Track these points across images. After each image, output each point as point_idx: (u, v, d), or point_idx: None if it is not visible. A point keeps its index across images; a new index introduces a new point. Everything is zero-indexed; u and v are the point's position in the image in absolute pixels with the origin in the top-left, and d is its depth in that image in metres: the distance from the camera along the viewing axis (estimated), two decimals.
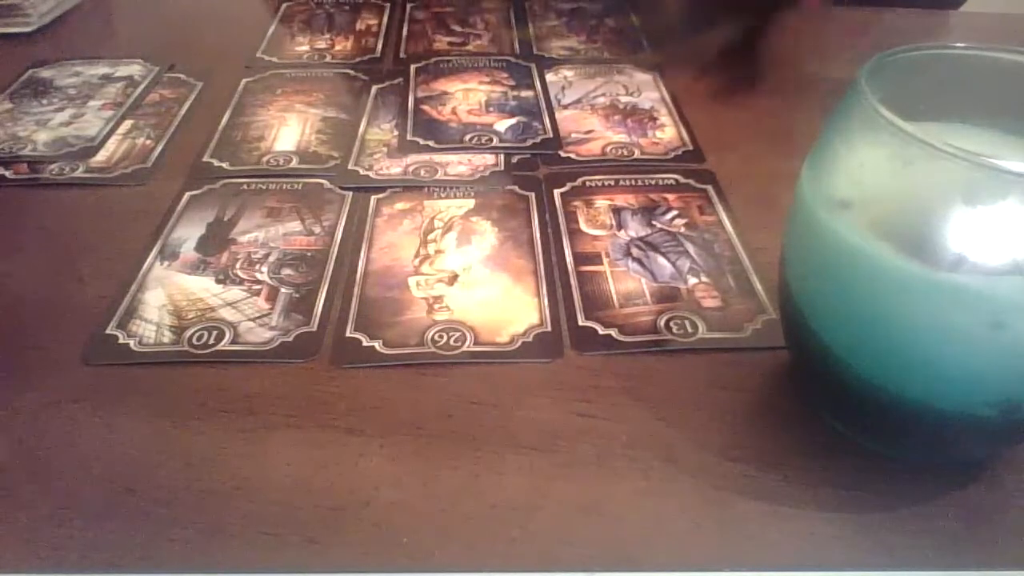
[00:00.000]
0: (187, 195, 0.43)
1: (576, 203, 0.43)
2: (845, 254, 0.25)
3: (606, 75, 0.56)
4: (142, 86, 0.54)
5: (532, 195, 0.43)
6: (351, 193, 0.43)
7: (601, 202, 0.43)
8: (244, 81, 0.55)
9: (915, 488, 0.28)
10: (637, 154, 0.47)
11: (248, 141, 0.48)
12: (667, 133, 0.49)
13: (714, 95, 0.54)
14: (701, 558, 0.26)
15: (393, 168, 0.45)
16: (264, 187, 0.44)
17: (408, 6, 0.67)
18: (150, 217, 0.41)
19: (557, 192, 0.43)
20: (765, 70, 0.58)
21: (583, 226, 0.41)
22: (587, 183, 0.44)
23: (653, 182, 0.44)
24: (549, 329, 0.34)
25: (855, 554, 0.26)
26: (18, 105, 0.52)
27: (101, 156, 0.47)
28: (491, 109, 0.51)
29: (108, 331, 0.34)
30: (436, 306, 0.36)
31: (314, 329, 0.34)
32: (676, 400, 0.31)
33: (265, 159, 0.46)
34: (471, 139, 0.48)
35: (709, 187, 0.44)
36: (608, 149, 0.47)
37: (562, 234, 0.40)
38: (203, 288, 0.37)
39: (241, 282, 0.37)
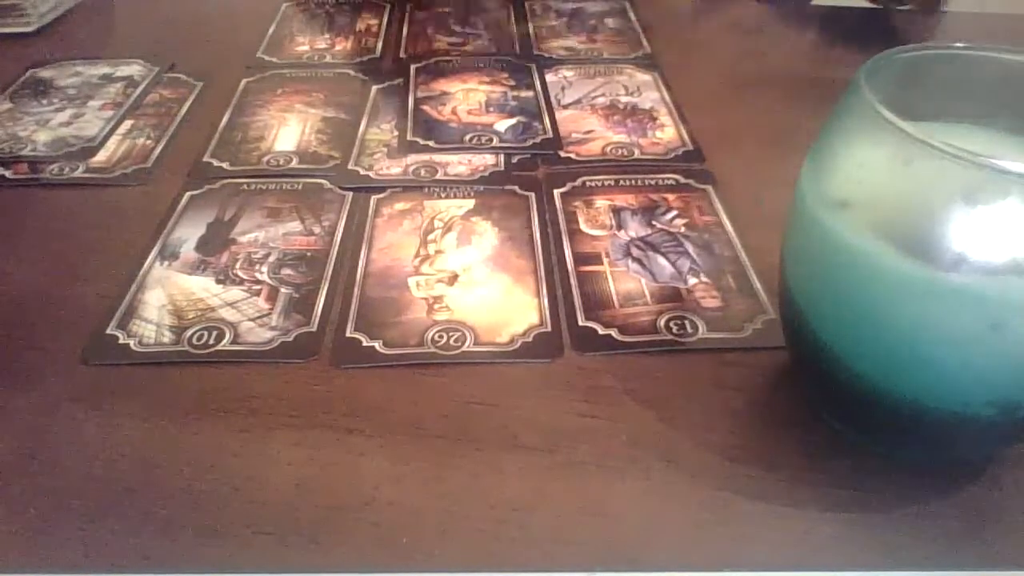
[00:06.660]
0: (187, 195, 0.43)
1: (576, 203, 0.43)
2: (845, 254, 0.25)
3: (606, 75, 0.56)
4: (142, 86, 0.54)
5: (532, 195, 0.43)
6: (351, 193, 0.43)
7: (601, 202, 0.43)
8: (244, 81, 0.55)
9: (915, 488, 0.28)
10: (637, 154, 0.47)
11: (248, 141, 0.48)
12: (667, 133, 0.49)
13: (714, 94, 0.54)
14: (701, 558, 0.26)
15: (393, 168, 0.45)
16: (264, 187, 0.44)
17: (408, 6, 0.67)
18: (150, 217, 0.41)
19: (557, 192, 0.43)
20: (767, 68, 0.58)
21: (583, 226, 0.41)
22: (587, 183, 0.44)
23: (653, 182, 0.44)
24: (549, 329, 0.34)
25: (855, 554, 0.26)
26: (18, 105, 0.52)
27: (101, 156, 0.47)
28: (491, 109, 0.51)
29: (108, 331, 0.34)
30: (436, 306, 0.36)
31: (314, 329, 0.34)
32: (676, 400, 0.31)
33: (265, 159, 0.46)
34: (471, 139, 0.48)
35: (709, 187, 0.44)
36: (608, 149, 0.47)
37: (562, 234, 0.40)
38: (203, 288, 0.37)
39: (241, 282, 0.37)
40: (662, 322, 0.35)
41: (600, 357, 0.33)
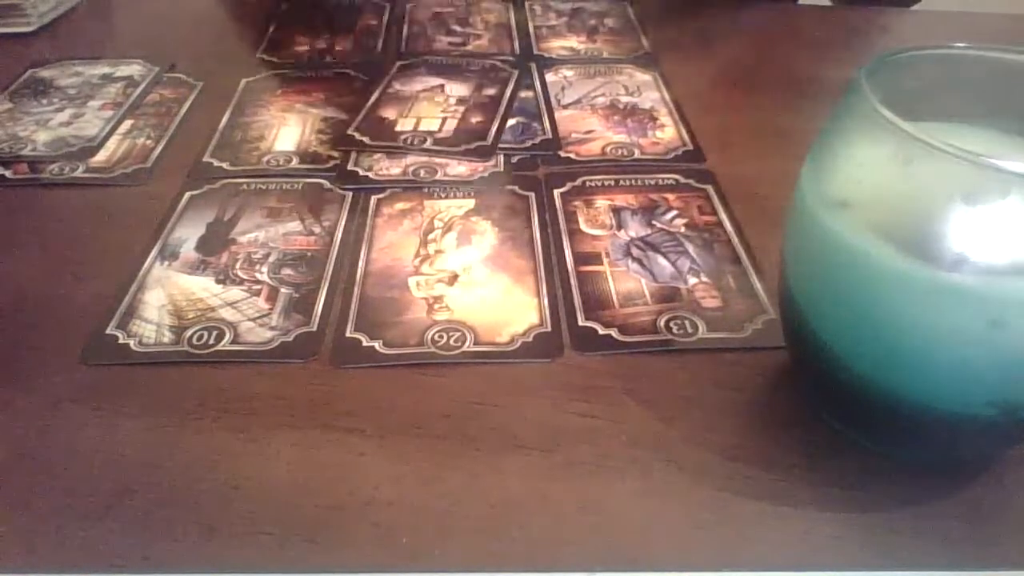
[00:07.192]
0: (187, 195, 0.43)
1: (576, 203, 0.43)
2: (845, 254, 0.25)
3: (606, 75, 0.56)
4: (142, 86, 0.54)
5: (532, 195, 0.43)
6: (351, 193, 0.43)
7: (601, 202, 0.43)
8: (244, 81, 0.55)
9: (915, 488, 0.28)
10: (637, 154, 0.47)
11: (248, 141, 0.48)
12: (667, 133, 0.49)
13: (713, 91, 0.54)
14: (701, 558, 0.26)
15: (393, 168, 0.45)
16: (264, 187, 0.44)
17: (408, 6, 0.67)
18: (150, 217, 0.41)
19: (557, 192, 0.43)
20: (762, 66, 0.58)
21: (583, 226, 0.41)
22: (587, 183, 0.44)
23: (653, 182, 0.44)
24: (549, 329, 0.34)
25: (855, 554, 0.26)
26: (18, 105, 0.52)
27: (101, 156, 0.47)
28: None
29: (108, 331, 0.34)
30: (436, 306, 0.36)
31: (314, 329, 0.34)
32: (676, 400, 0.31)
33: (265, 159, 0.46)
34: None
35: (709, 187, 0.44)
36: (608, 149, 0.47)
37: (562, 234, 0.40)
38: (203, 288, 0.37)
39: (241, 282, 0.37)
40: (662, 322, 0.35)
41: (600, 357, 0.33)
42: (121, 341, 0.34)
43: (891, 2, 0.69)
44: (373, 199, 0.43)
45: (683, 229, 0.41)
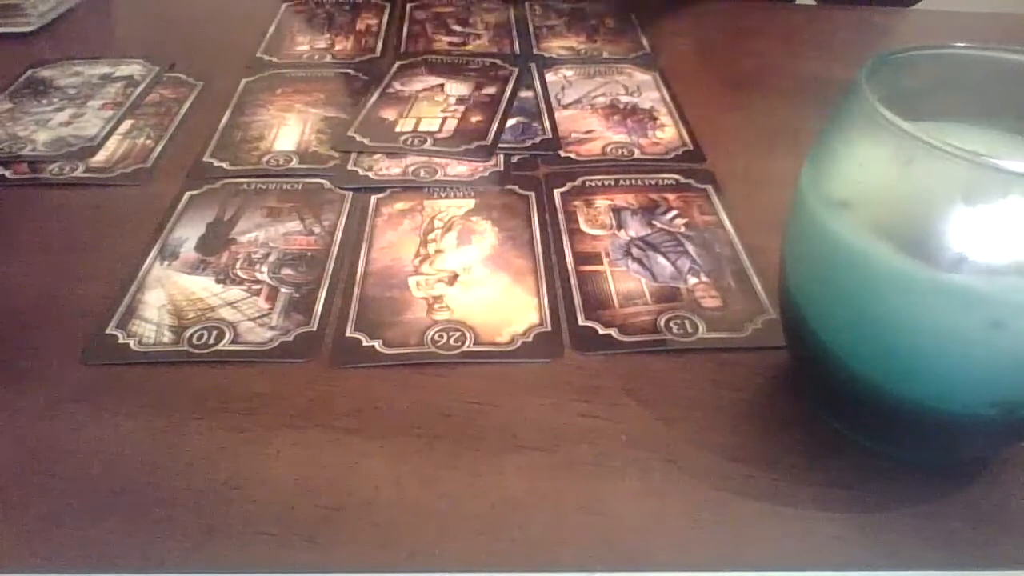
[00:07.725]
0: (187, 195, 0.43)
1: (576, 203, 0.43)
2: (845, 254, 0.25)
3: (606, 75, 0.56)
4: (142, 86, 0.54)
5: (532, 195, 0.43)
6: (351, 193, 0.43)
7: (601, 202, 0.43)
8: (244, 81, 0.55)
9: (915, 488, 0.28)
10: (637, 154, 0.47)
11: (248, 141, 0.48)
12: (667, 133, 0.49)
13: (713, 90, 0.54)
14: (701, 558, 0.26)
15: (393, 168, 0.45)
16: (264, 187, 0.44)
17: (408, 6, 0.67)
18: (150, 217, 0.41)
19: (557, 192, 0.43)
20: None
21: (583, 226, 0.41)
22: (587, 183, 0.44)
23: (653, 182, 0.44)
24: (549, 329, 0.34)
25: (855, 554, 0.26)
26: (18, 105, 0.52)
27: (101, 156, 0.47)
28: None
29: (108, 331, 0.34)
30: (436, 306, 0.36)
31: (314, 329, 0.34)
32: (676, 400, 0.31)
33: (265, 159, 0.46)
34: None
35: (709, 187, 0.44)
36: (608, 149, 0.47)
37: (562, 234, 0.40)
38: (203, 288, 0.37)
39: (241, 282, 0.37)
40: (662, 322, 0.35)
41: (600, 357, 0.33)
42: (121, 341, 0.34)
43: (891, 2, 0.69)
44: (373, 199, 0.43)
45: (683, 229, 0.41)
